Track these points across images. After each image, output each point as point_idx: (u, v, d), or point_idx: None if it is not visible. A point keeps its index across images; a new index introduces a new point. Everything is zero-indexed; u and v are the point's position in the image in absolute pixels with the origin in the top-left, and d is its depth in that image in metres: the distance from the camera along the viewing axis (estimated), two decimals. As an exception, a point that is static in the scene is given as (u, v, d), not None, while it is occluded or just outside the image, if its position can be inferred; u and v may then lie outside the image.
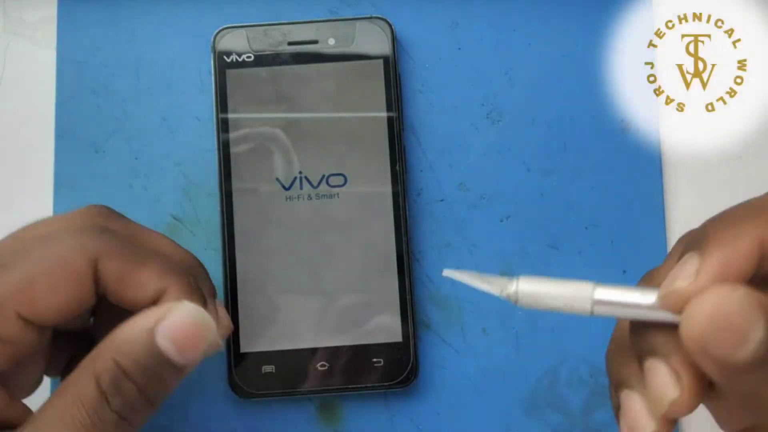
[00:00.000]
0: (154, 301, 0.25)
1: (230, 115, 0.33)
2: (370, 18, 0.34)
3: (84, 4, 0.35)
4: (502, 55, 0.35)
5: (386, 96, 0.33)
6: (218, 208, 0.33)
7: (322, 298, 0.33)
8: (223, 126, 0.33)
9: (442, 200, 0.34)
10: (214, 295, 0.28)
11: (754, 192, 0.34)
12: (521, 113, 0.34)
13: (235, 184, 0.33)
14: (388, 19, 0.34)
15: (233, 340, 0.32)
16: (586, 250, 0.34)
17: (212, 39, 0.34)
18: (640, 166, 0.34)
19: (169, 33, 0.35)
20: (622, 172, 0.34)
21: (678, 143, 0.35)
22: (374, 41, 0.34)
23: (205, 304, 0.26)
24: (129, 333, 0.23)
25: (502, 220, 0.34)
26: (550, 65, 0.35)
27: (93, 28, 0.35)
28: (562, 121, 0.34)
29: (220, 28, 0.34)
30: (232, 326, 0.29)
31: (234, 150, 0.33)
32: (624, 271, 0.33)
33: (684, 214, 0.34)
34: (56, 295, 0.24)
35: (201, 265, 0.29)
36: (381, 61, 0.33)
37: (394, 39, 0.34)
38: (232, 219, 0.33)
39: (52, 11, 0.35)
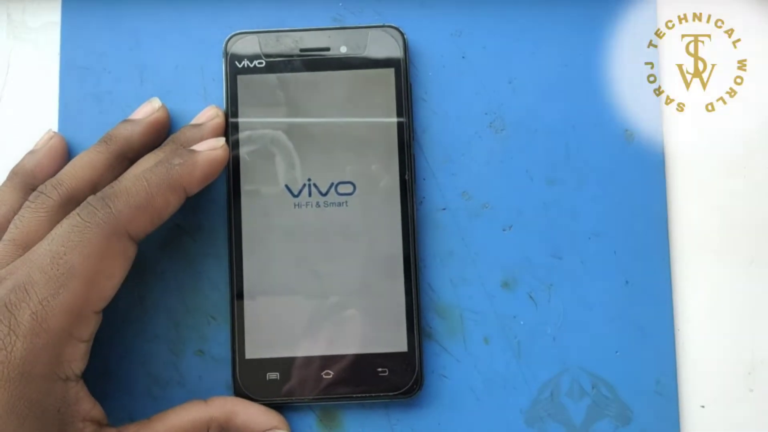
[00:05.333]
0: None
1: (240, 120, 0.33)
2: (383, 26, 0.34)
3: (87, 9, 0.35)
4: (505, 64, 0.35)
5: (397, 104, 0.33)
6: (225, 214, 0.33)
7: (328, 306, 0.33)
8: (233, 131, 0.33)
9: (444, 209, 0.34)
10: None
11: (757, 202, 0.34)
12: (524, 122, 0.35)
13: (244, 190, 0.33)
14: (401, 28, 0.34)
15: (238, 346, 0.32)
16: (589, 259, 0.34)
17: (224, 44, 0.34)
18: (644, 175, 0.34)
19: (172, 39, 0.35)
20: (625, 181, 0.34)
21: (682, 149, 0.35)
22: (386, 50, 0.34)
23: None
24: None
25: (504, 229, 0.34)
26: (553, 74, 0.35)
27: (96, 34, 0.35)
28: (564, 129, 0.34)
29: (232, 33, 0.34)
30: None
31: (243, 156, 0.33)
32: (627, 282, 0.34)
33: (688, 223, 0.34)
34: None
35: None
36: (392, 69, 0.33)
37: (406, 48, 0.34)
38: (239, 225, 0.33)
39: (55, 17, 0.35)
